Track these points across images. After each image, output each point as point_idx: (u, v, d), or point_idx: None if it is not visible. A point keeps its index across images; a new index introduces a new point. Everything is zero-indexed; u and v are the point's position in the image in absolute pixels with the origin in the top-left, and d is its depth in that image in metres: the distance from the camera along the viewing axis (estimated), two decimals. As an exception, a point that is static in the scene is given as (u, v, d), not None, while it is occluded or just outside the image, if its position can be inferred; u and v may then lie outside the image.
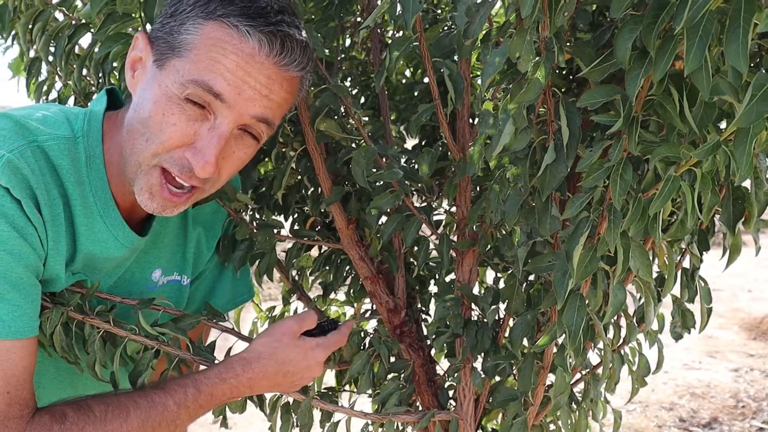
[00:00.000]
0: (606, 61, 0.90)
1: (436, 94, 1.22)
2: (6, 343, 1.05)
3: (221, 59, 1.04)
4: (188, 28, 1.06)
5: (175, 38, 1.07)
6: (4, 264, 1.02)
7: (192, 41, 1.05)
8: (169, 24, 1.08)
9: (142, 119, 1.08)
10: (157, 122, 1.07)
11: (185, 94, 1.05)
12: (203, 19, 1.05)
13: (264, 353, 1.23)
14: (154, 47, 1.10)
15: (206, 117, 1.07)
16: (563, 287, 1.04)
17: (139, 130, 1.09)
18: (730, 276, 6.96)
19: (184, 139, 1.08)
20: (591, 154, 0.95)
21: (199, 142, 1.08)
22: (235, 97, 1.06)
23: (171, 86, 1.06)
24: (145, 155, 1.09)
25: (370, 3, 1.50)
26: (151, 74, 1.10)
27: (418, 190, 1.48)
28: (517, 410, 1.30)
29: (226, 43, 1.05)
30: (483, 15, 0.99)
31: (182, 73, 1.06)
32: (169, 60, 1.07)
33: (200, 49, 1.05)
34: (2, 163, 1.02)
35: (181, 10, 1.07)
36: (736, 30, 0.74)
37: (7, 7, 1.44)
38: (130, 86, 1.14)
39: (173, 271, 1.36)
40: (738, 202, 1.05)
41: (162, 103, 1.07)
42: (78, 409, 1.10)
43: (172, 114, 1.07)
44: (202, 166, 1.07)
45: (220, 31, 1.05)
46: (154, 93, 1.08)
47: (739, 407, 4.63)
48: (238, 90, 1.06)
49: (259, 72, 1.06)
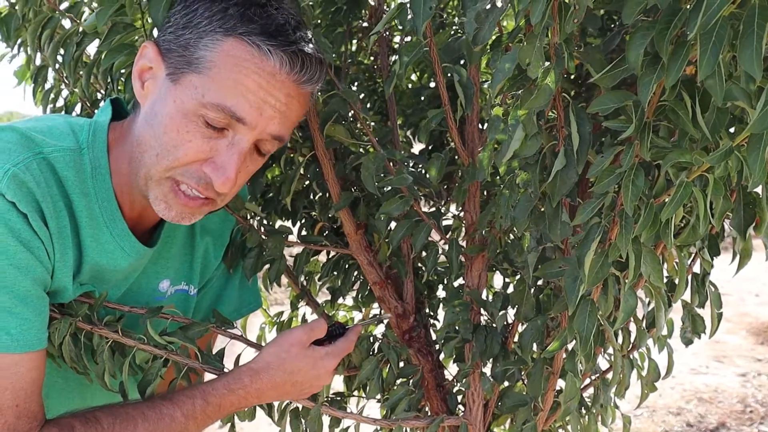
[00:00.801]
0: (617, 67, 0.89)
1: (446, 99, 1.22)
2: (14, 357, 1.05)
3: (243, 80, 1.04)
4: (206, 43, 1.05)
5: (191, 53, 1.06)
6: (11, 278, 1.02)
7: (211, 58, 1.05)
8: (183, 36, 1.07)
9: (156, 134, 1.08)
10: (172, 138, 1.07)
11: (203, 114, 1.05)
12: (222, 35, 1.04)
13: (272, 363, 1.22)
14: (166, 59, 1.09)
15: (224, 134, 1.07)
16: (574, 293, 1.04)
17: (149, 143, 1.09)
18: (738, 281, 6.94)
19: (201, 155, 1.08)
20: (602, 160, 0.95)
21: (219, 157, 1.08)
22: (257, 118, 1.06)
23: (188, 103, 1.06)
24: (157, 169, 1.09)
25: (378, 8, 1.51)
26: (164, 87, 1.08)
27: (426, 195, 1.48)
28: (526, 415, 1.30)
29: (247, 62, 1.04)
30: (492, 21, 0.99)
31: (202, 91, 1.05)
32: (186, 75, 1.06)
33: (221, 68, 1.04)
34: (8, 177, 1.01)
35: (196, 22, 1.06)
36: (749, 35, 0.74)
37: (15, 15, 1.44)
38: (138, 96, 1.13)
39: (181, 281, 1.36)
40: (749, 207, 1.05)
41: (178, 118, 1.06)
42: (86, 422, 1.10)
43: (187, 131, 1.06)
44: (223, 182, 1.08)
45: (241, 49, 1.04)
46: (169, 108, 1.07)
47: (746, 412, 4.61)
48: (259, 110, 1.06)
49: (279, 90, 1.06)
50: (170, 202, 1.12)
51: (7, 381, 1.05)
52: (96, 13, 1.17)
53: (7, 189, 1.01)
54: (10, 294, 1.03)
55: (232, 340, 1.31)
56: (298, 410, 1.37)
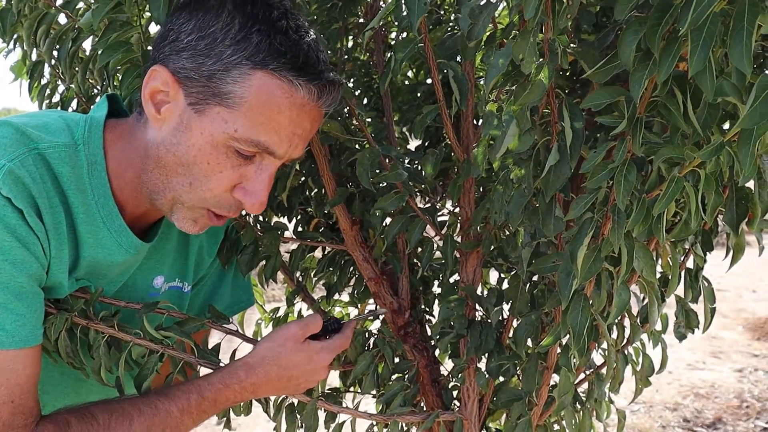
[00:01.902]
0: (610, 63, 0.90)
1: (441, 95, 1.23)
2: (10, 353, 1.05)
3: (276, 117, 1.06)
4: (235, 77, 1.05)
5: (218, 85, 1.05)
6: (6, 274, 1.03)
7: (242, 94, 1.05)
8: (206, 65, 1.05)
9: (182, 162, 1.09)
10: (203, 169, 1.09)
11: (234, 146, 1.07)
12: (250, 69, 1.04)
13: (267, 358, 1.23)
14: (185, 87, 1.07)
15: (252, 161, 1.10)
16: (567, 287, 1.04)
17: (176, 170, 1.10)
18: (735, 276, 6.97)
19: (231, 183, 1.11)
20: (595, 156, 0.95)
21: (249, 184, 1.11)
22: (287, 149, 1.10)
23: (217, 135, 1.07)
24: (190, 197, 1.12)
25: (374, 5, 1.51)
26: (186, 116, 1.08)
27: (422, 191, 1.49)
28: (521, 410, 1.30)
29: (279, 98, 1.06)
30: (486, 17, 0.99)
31: (233, 126, 1.06)
32: (212, 107, 1.06)
33: (253, 104, 1.05)
34: (3, 173, 1.02)
35: (219, 51, 1.05)
36: (740, 32, 0.74)
37: (10, 11, 1.44)
38: (153, 119, 1.11)
39: (175, 277, 1.36)
40: (741, 203, 1.05)
41: (207, 151, 1.08)
42: (81, 417, 1.11)
43: (218, 163, 1.08)
44: (256, 206, 1.12)
45: (272, 84, 1.05)
46: (197, 140, 1.08)
47: (743, 407, 4.63)
48: (289, 142, 1.09)
49: (307, 120, 1.10)
50: (199, 222, 1.16)
51: (2, 377, 1.05)
52: (92, 10, 1.17)
53: (2, 185, 1.01)
54: (5, 290, 1.03)
55: (228, 336, 1.32)
56: (293, 405, 1.38)
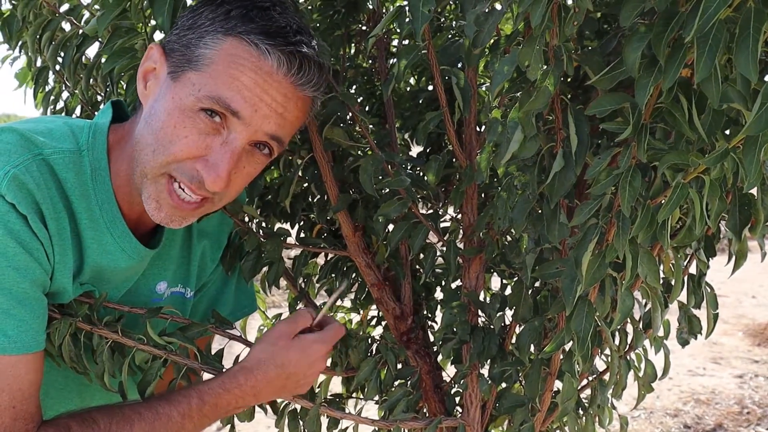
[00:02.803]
0: (615, 69, 0.90)
1: (444, 102, 1.23)
2: (12, 358, 1.05)
3: (239, 76, 1.05)
4: (207, 42, 1.06)
5: (192, 51, 1.07)
6: (9, 279, 1.03)
7: (210, 56, 1.06)
8: (186, 36, 1.08)
9: (153, 130, 1.09)
10: (167, 134, 1.07)
11: (200, 107, 1.06)
12: (222, 35, 1.06)
13: (263, 359, 1.22)
14: (169, 59, 1.10)
15: (218, 131, 1.08)
16: (572, 293, 1.04)
17: (147, 140, 1.10)
18: (735, 282, 6.95)
19: (195, 151, 1.08)
20: (600, 162, 0.96)
21: (212, 156, 1.08)
22: (251, 114, 1.07)
23: (185, 99, 1.06)
24: (152, 165, 1.09)
25: (376, 12, 1.51)
26: (164, 86, 1.10)
27: (424, 197, 1.49)
28: (524, 416, 1.30)
29: (245, 60, 1.05)
30: (492, 24, 1.00)
31: (198, 86, 1.06)
32: (185, 72, 1.07)
33: (218, 65, 1.05)
34: (8, 179, 1.02)
35: (200, 23, 1.08)
36: (745, 39, 0.74)
37: (15, 17, 1.45)
38: (141, 97, 1.14)
39: (177, 283, 1.36)
40: (745, 209, 1.06)
41: (175, 115, 1.07)
42: (82, 422, 1.11)
43: (184, 127, 1.07)
44: (214, 179, 1.08)
45: (240, 47, 1.05)
46: (167, 105, 1.08)
47: (743, 413, 4.62)
48: (254, 107, 1.06)
49: (276, 90, 1.07)
50: (162, 201, 1.12)
51: (4, 382, 1.05)
52: (97, 17, 1.18)
53: (7, 190, 1.01)
54: (8, 296, 1.03)
55: (231, 341, 1.32)
56: (296, 411, 1.38)
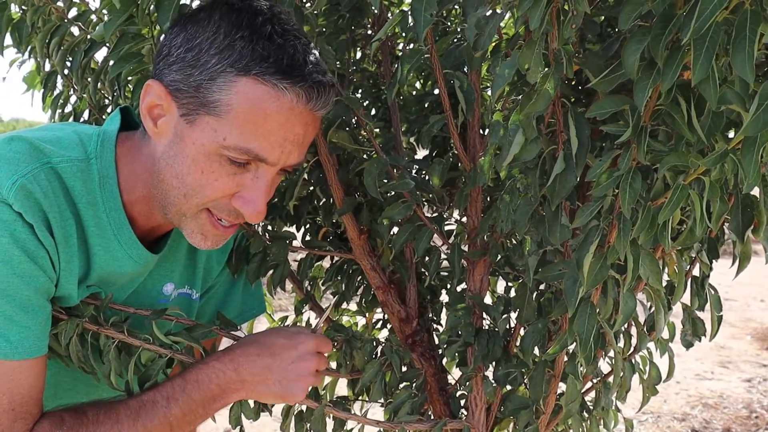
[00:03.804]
0: (614, 72, 0.91)
1: (447, 105, 1.24)
2: (12, 363, 1.07)
3: (263, 123, 1.05)
4: (220, 85, 1.05)
5: (205, 95, 1.06)
6: (14, 287, 1.05)
7: (228, 101, 1.05)
8: (193, 76, 1.06)
9: (177, 174, 1.10)
10: (197, 179, 1.09)
11: (225, 155, 1.07)
12: (235, 75, 1.04)
13: (246, 338, 1.26)
14: (176, 99, 1.09)
15: (247, 168, 1.10)
16: (574, 295, 1.05)
17: (172, 183, 1.11)
18: (743, 285, 6.95)
19: (228, 191, 1.10)
20: (600, 164, 0.96)
21: (246, 192, 1.10)
22: (279, 156, 1.09)
23: (208, 145, 1.07)
24: (188, 207, 1.12)
25: (381, 16, 1.52)
26: (179, 128, 1.09)
27: (429, 200, 1.50)
28: (528, 419, 1.31)
29: (265, 103, 1.05)
30: (492, 27, 1.00)
31: (222, 134, 1.06)
32: (201, 117, 1.07)
33: (239, 112, 1.05)
34: (15, 188, 1.03)
35: (204, 61, 1.06)
36: (742, 40, 0.75)
37: (24, 23, 1.46)
38: (152, 134, 1.13)
39: (184, 285, 1.38)
40: (747, 210, 1.06)
41: (200, 161, 1.08)
42: (74, 414, 1.13)
43: (212, 171, 1.08)
44: (255, 215, 1.11)
45: (257, 89, 1.04)
46: (188, 150, 1.08)
47: (752, 418, 4.61)
48: (281, 149, 1.08)
49: (298, 123, 1.08)
50: (207, 233, 1.16)
51: (5, 386, 1.07)
52: (104, 23, 1.19)
53: (14, 199, 1.03)
54: (12, 302, 1.05)
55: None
56: (302, 413, 1.39)
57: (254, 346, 1.22)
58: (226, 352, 1.22)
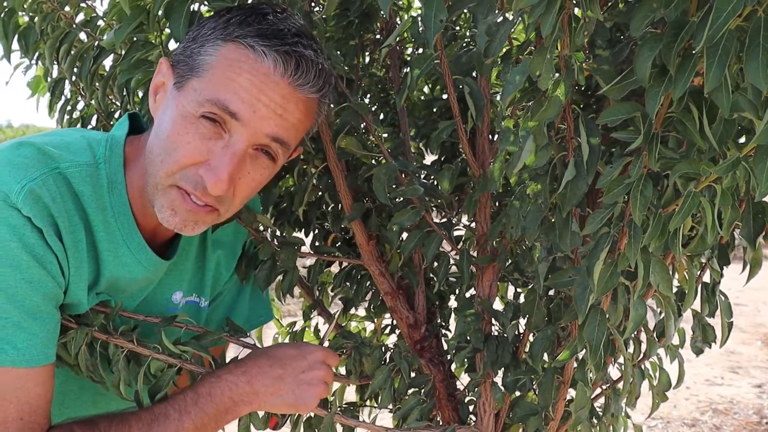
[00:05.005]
0: (626, 79, 0.90)
1: (457, 111, 1.24)
2: (20, 371, 1.06)
3: (236, 78, 1.06)
4: (207, 50, 1.08)
5: (194, 60, 1.09)
6: (22, 292, 1.04)
7: (210, 62, 1.08)
8: (190, 47, 1.11)
9: (160, 140, 1.10)
10: (173, 141, 1.09)
11: (201, 113, 1.07)
12: (222, 41, 1.08)
13: (255, 352, 1.26)
14: (175, 71, 1.12)
15: (220, 135, 1.08)
16: (584, 302, 1.05)
17: (156, 150, 1.11)
18: (753, 291, 6.91)
19: (198, 156, 1.08)
20: (611, 171, 0.96)
21: (213, 159, 1.08)
22: (250, 115, 1.07)
23: (188, 106, 1.08)
24: (160, 175, 1.11)
25: (390, 21, 1.52)
26: (171, 96, 1.12)
27: (438, 206, 1.49)
28: (537, 425, 1.30)
29: (241, 63, 1.06)
30: (503, 34, 1.00)
31: (199, 92, 1.08)
32: (188, 81, 1.09)
33: (216, 69, 1.07)
34: (24, 193, 1.03)
35: (203, 33, 1.10)
36: (755, 48, 0.75)
37: (33, 29, 1.47)
38: (152, 111, 1.16)
39: (192, 292, 1.37)
40: (758, 217, 1.06)
41: (178, 122, 1.09)
42: (84, 426, 1.13)
43: (186, 133, 1.08)
44: (214, 182, 1.08)
45: (237, 51, 1.07)
46: (172, 114, 1.10)
47: (762, 423, 4.58)
48: (252, 108, 1.07)
49: (274, 91, 1.07)
50: (177, 208, 1.12)
51: (12, 395, 1.06)
52: (114, 30, 1.20)
53: (23, 204, 1.03)
54: (20, 308, 1.04)
55: (246, 350, 1.33)
56: (311, 419, 1.38)
57: (265, 358, 1.23)
58: (238, 365, 1.22)
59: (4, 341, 1.04)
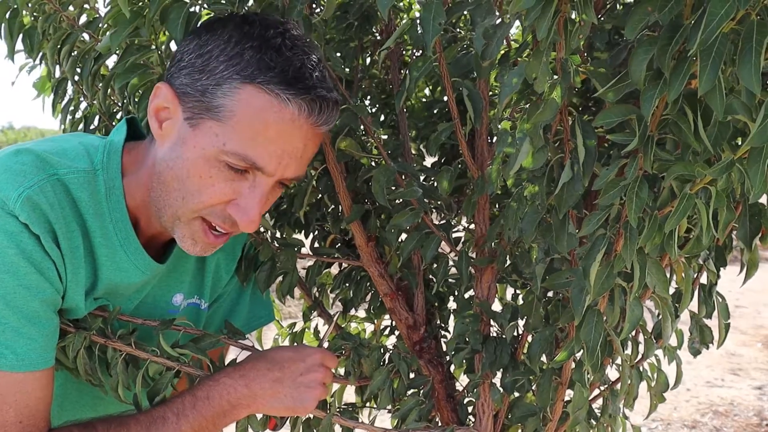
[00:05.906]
0: (621, 81, 0.91)
1: (456, 113, 1.24)
2: (19, 375, 1.07)
3: (264, 131, 1.06)
4: (225, 91, 1.06)
5: (209, 99, 1.07)
6: (20, 298, 1.05)
7: (231, 107, 1.06)
8: (200, 81, 1.08)
9: (178, 177, 1.11)
10: (195, 183, 1.10)
11: (225, 160, 1.08)
12: (240, 83, 1.06)
13: (253, 355, 1.27)
14: (183, 102, 1.10)
15: (245, 176, 1.10)
16: (581, 303, 1.05)
17: (172, 186, 1.12)
18: (753, 293, 6.91)
19: (224, 198, 1.11)
20: (607, 173, 0.97)
21: (242, 200, 1.11)
22: (276, 167, 1.09)
23: (208, 149, 1.08)
24: (183, 211, 1.12)
25: (390, 23, 1.53)
26: (182, 131, 1.10)
27: (437, 207, 1.50)
28: (535, 426, 1.31)
29: (267, 112, 1.06)
30: (500, 37, 1.01)
31: (222, 140, 1.07)
32: (204, 121, 1.08)
33: (241, 118, 1.06)
34: (22, 200, 1.04)
35: (212, 67, 1.07)
36: (748, 51, 0.75)
37: (36, 30, 1.47)
38: (156, 135, 1.14)
39: (193, 295, 1.38)
40: (755, 218, 1.06)
41: (200, 164, 1.09)
42: (83, 429, 1.14)
43: (210, 176, 1.09)
44: (247, 223, 1.12)
45: (260, 98, 1.05)
46: (189, 153, 1.09)
47: (763, 425, 4.58)
48: (279, 160, 1.09)
49: (298, 137, 1.09)
50: (198, 240, 1.16)
51: (12, 398, 1.07)
52: (110, 34, 1.20)
53: (21, 211, 1.04)
54: (18, 314, 1.05)
55: (244, 352, 1.33)
56: (310, 420, 1.39)
57: (263, 361, 1.24)
58: (236, 369, 1.23)
59: (4, 346, 1.05)
